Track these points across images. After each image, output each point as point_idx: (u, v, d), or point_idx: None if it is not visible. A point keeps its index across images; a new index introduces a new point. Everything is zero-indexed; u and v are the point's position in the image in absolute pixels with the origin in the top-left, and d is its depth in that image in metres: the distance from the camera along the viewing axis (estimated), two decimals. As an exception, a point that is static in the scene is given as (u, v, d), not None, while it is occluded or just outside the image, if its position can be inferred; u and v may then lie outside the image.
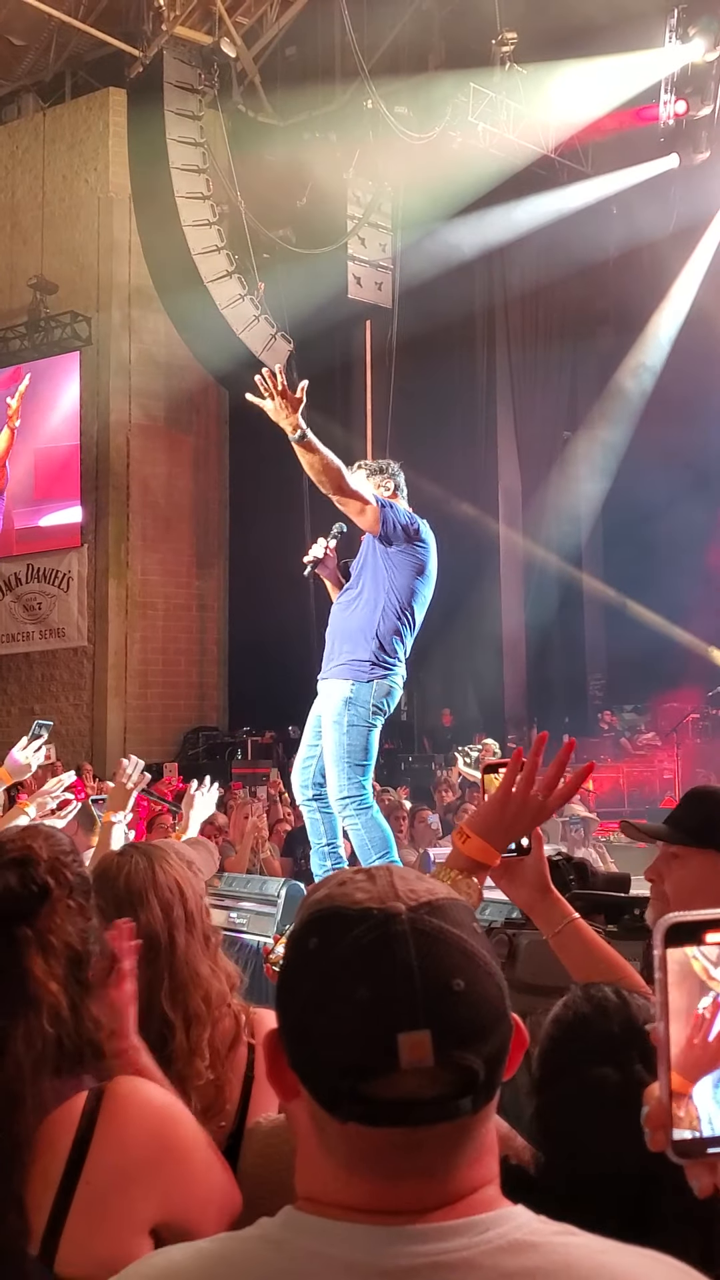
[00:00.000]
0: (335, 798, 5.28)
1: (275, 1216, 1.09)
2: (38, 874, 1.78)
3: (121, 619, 18.78)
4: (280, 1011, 1.09)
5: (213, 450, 19.87)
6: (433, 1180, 1.04)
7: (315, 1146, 1.07)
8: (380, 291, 17.89)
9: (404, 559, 5.34)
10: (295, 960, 1.09)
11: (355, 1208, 1.04)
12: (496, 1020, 1.05)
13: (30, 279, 19.11)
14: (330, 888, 1.11)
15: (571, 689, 20.03)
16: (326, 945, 1.06)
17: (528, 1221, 1.05)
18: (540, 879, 2.02)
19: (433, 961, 1.03)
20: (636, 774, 16.66)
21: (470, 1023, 1.03)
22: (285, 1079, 1.08)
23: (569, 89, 16.30)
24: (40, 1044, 1.70)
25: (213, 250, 17.02)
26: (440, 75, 16.54)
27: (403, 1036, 1.00)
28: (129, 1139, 1.69)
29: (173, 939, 2.06)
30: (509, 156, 16.93)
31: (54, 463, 19.30)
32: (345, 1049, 1.02)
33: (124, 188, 18.40)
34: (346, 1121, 1.02)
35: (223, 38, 16.66)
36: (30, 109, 20.02)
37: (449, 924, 1.06)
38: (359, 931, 1.04)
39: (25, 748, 4.27)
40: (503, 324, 19.19)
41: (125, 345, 18.71)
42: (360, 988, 1.02)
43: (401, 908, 1.05)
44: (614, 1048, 1.49)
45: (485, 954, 1.07)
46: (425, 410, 18.16)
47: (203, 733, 18.96)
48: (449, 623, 15.80)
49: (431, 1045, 1.00)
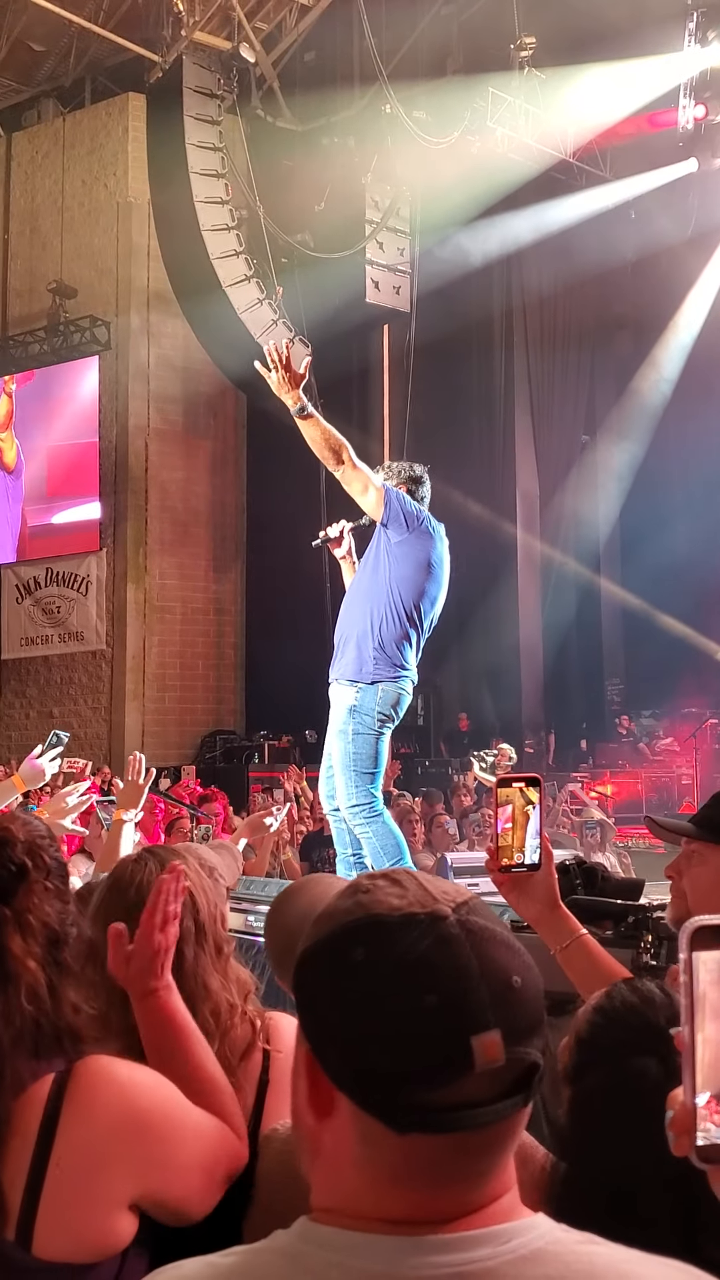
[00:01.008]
0: (345, 806, 5.25)
1: (290, 1228, 1.07)
2: (14, 854, 1.79)
3: (140, 623, 18.83)
4: (314, 1026, 1.06)
5: (230, 454, 19.91)
6: (474, 1186, 1.02)
7: (351, 1162, 1.03)
8: (398, 296, 17.89)
9: (406, 551, 5.22)
10: (337, 974, 1.04)
11: (382, 1219, 1.02)
12: (544, 1013, 1.06)
13: (49, 283, 19.20)
14: (356, 897, 1.07)
15: (589, 694, 19.97)
16: (376, 955, 1.02)
17: (550, 1230, 1.04)
18: (549, 894, 2.03)
19: (489, 960, 1.02)
20: (655, 779, 16.58)
21: (530, 1017, 1.03)
22: (321, 1097, 1.05)
23: (587, 93, 16.26)
24: (18, 1021, 1.70)
25: (231, 255, 17.05)
26: (458, 80, 16.53)
27: (475, 1039, 0.99)
28: (96, 1116, 1.68)
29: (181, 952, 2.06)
30: (527, 161, 16.91)
31: (69, 460, 19.39)
32: (412, 1057, 0.99)
33: (143, 192, 18.46)
34: (405, 1133, 0.99)
35: (242, 43, 16.70)
36: (50, 114, 20.12)
37: (490, 921, 1.06)
38: (411, 938, 1.02)
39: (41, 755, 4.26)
40: (520, 328, 19.14)
41: (144, 350, 18.77)
42: (428, 995, 1.00)
43: (446, 909, 1.04)
44: (658, 1039, 1.49)
45: (521, 946, 1.07)
46: (443, 414, 18.15)
47: (220, 736, 18.98)
48: (466, 627, 15.81)
49: (502, 1044, 1.00)
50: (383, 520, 5.20)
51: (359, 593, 5.36)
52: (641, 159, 17.40)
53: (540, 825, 1.99)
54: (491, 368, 18.98)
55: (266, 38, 17.11)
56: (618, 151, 17.72)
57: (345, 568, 5.63)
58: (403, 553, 5.23)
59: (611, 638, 20.62)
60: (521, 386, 19.19)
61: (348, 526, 5.57)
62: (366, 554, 5.40)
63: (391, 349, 18.89)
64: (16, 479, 19.83)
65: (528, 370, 19.22)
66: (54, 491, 19.55)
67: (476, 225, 17.24)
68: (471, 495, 16.34)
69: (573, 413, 19.82)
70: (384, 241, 17.73)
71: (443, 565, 5.34)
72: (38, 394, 19.68)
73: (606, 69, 15.96)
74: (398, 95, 15.96)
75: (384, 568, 5.24)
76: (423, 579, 5.27)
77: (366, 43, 15.71)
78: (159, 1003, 1.86)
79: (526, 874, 2.00)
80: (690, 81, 16.18)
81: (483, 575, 16.42)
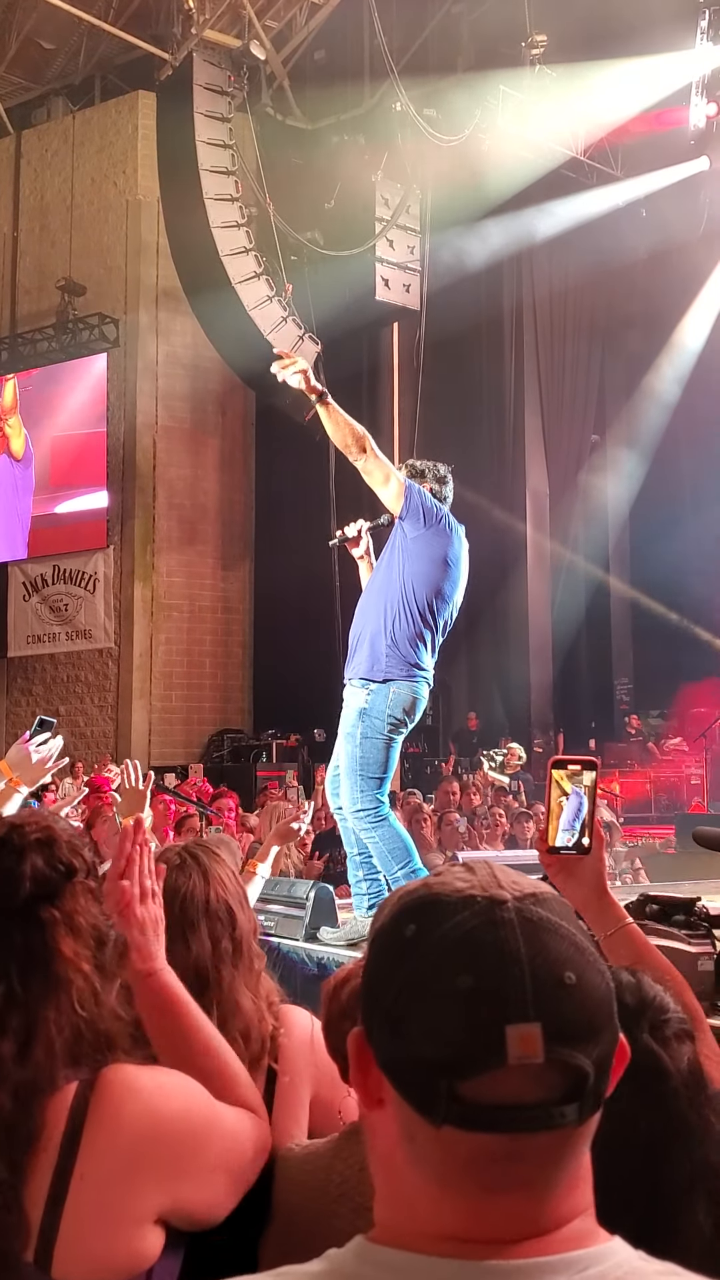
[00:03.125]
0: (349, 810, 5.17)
1: (345, 1247, 1.00)
2: (61, 854, 1.73)
3: (147, 621, 18.81)
4: (368, 1006, 1.01)
5: (239, 452, 19.88)
6: (530, 1198, 0.95)
7: (403, 1161, 0.97)
8: (408, 293, 17.84)
9: (422, 547, 5.14)
10: (389, 949, 1.00)
11: (442, 1235, 0.95)
12: (607, 1020, 0.98)
13: (59, 281, 19.20)
14: (426, 879, 1.05)
15: (598, 693, 19.95)
16: (424, 931, 0.98)
17: (628, 1259, 0.97)
18: (598, 879, 1.99)
19: (542, 951, 0.96)
20: (664, 779, 16.55)
21: (581, 1020, 0.95)
22: (370, 1083, 1.00)
23: (598, 91, 16.21)
24: (68, 1029, 1.63)
25: (241, 252, 17.01)
26: (469, 77, 16.47)
27: (511, 1029, 0.93)
28: (122, 1128, 1.60)
29: (219, 974, 2.02)
30: (538, 159, 16.87)
31: (75, 449, 19.36)
32: (445, 1042, 0.94)
33: (152, 190, 18.44)
34: (442, 1125, 0.94)
35: (252, 41, 16.66)
36: (60, 112, 20.11)
37: (556, 915, 0.99)
38: (462, 917, 0.97)
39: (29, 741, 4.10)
40: (531, 326, 19.11)
41: (152, 347, 18.75)
42: (464, 975, 0.95)
43: (507, 895, 0.99)
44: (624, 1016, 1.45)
45: (595, 951, 1.00)
46: (452, 412, 18.12)
47: (227, 735, 18.95)
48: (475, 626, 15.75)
49: (541, 1040, 0.93)
50: (401, 513, 5.14)
51: (374, 590, 5.29)
52: (653, 157, 17.35)
53: (594, 809, 1.95)
54: (501, 366, 18.94)
55: (276, 35, 17.08)
56: (629, 149, 17.67)
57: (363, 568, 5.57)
58: (418, 549, 5.15)
59: (621, 637, 20.60)
60: (531, 385, 19.15)
61: (365, 526, 5.50)
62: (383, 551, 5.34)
63: (401, 347, 18.85)
64: (26, 468, 19.79)
65: (537, 368, 19.19)
66: (58, 481, 19.53)
67: (487, 223, 17.21)
68: (481, 493, 16.29)
69: (583, 411, 19.79)
70: (394, 239, 17.69)
71: (459, 565, 5.26)
72: (43, 385, 19.66)
73: (618, 67, 15.90)
74: (408, 93, 15.92)
75: (399, 563, 5.17)
76: (438, 576, 5.19)
77: (377, 40, 15.67)
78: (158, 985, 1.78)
79: (576, 858, 1.97)
80: (702, 79, 16.11)
81: (492, 574, 16.36)
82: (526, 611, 18.63)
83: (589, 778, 1.94)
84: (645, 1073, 1.33)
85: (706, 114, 16.30)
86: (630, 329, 20.01)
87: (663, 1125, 1.34)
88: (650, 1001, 1.43)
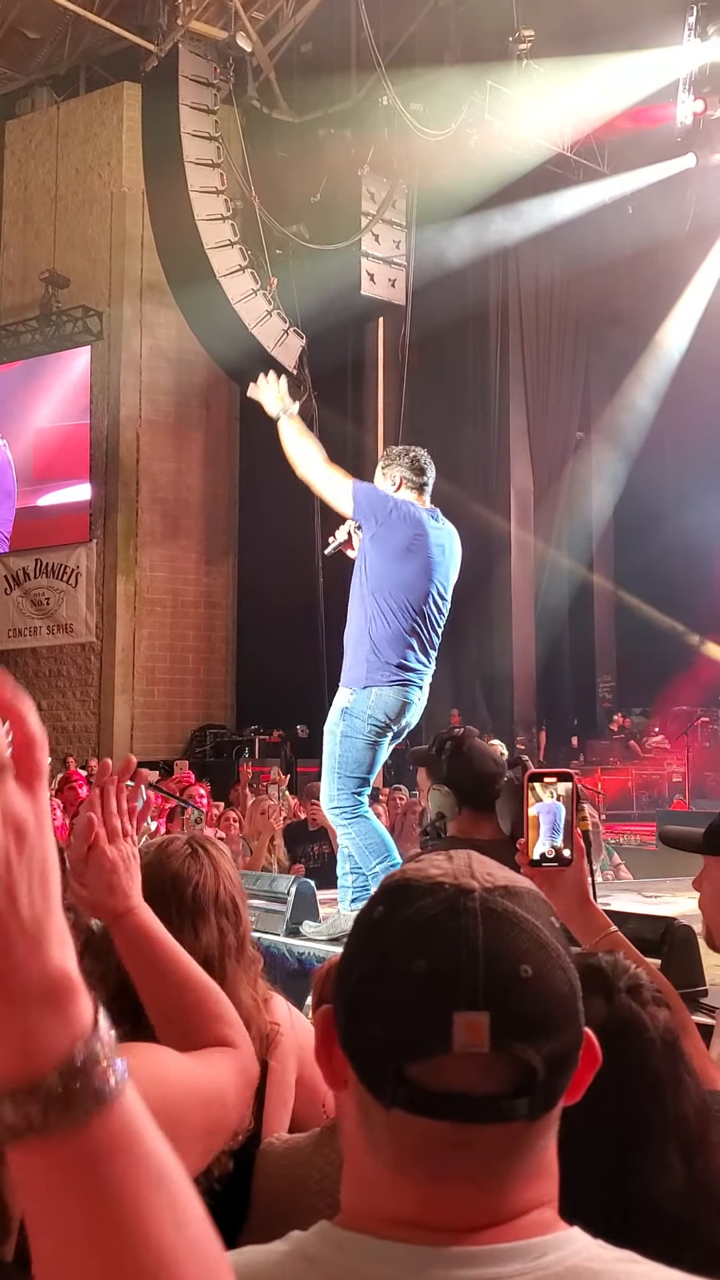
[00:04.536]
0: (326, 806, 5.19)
1: (309, 1230, 1.01)
2: None
3: (130, 615, 18.74)
4: (336, 985, 1.02)
5: (223, 446, 19.81)
6: (482, 1190, 0.95)
7: (361, 1144, 0.99)
8: (393, 288, 17.81)
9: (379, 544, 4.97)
10: (359, 931, 1.02)
11: (399, 1220, 0.95)
12: (565, 1019, 0.97)
13: (42, 273, 19.10)
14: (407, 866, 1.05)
15: (581, 691, 19.97)
16: (390, 915, 0.99)
17: (587, 1247, 0.96)
18: (580, 889, 2.03)
19: (501, 943, 0.95)
20: (646, 776, 16.59)
21: (535, 1014, 0.95)
22: (335, 1062, 1.01)
23: (586, 87, 16.20)
24: None
25: (226, 245, 16.95)
26: (456, 72, 16.45)
27: (459, 1016, 0.92)
28: None
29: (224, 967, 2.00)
30: (525, 154, 16.85)
31: (57, 442, 19.28)
32: (395, 1024, 0.94)
33: (137, 182, 18.36)
34: (391, 1107, 0.94)
35: (238, 33, 16.59)
36: (44, 102, 20.01)
37: (524, 910, 0.98)
38: (426, 903, 0.97)
39: None
40: (516, 323, 19.10)
41: (136, 340, 18.68)
42: (420, 960, 0.95)
43: (475, 885, 0.98)
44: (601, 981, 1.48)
45: (560, 949, 0.99)
46: (437, 408, 18.09)
47: (210, 731, 18.91)
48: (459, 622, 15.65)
49: (489, 1030, 0.92)
50: (354, 515, 5.07)
51: (353, 597, 5.17)
52: (639, 154, 17.36)
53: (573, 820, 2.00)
54: (486, 362, 18.93)
55: (263, 27, 17.01)
56: (615, 146, 17.67)
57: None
58: (377, 546, 4.99)
59: (604, 635, 20.64)
60: (516, 381, 19.15)
61: (352, 526, 5.38)
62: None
63: (386, 342, 18.81)
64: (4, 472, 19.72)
65: (523, 365, 19.19)
66: (41, 474, 19.44)
67: (473, 218, 17.20)
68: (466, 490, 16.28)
69: (567, 408, 19.79)
70: (380, 234, 17.65)
71: (429, 550, 5.01)
72: (26, 378, 19.56)
73: (605, 63, 15.90)
74: (395, 87, 15.87)
75: (363, 566, 5.06)
76: (405, 569, 4.98)
77: (364, 34, 15.62)
78: (135, 923, 1.75)
79: (558, 869, 2.01)
80: (689, 76, 16.15)
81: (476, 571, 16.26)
82: (510, 609, 18.63)
83: (565, 789, 1.99)
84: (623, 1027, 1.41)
85: (693, 111, 16.33)
86: (616, 326, 20.03)
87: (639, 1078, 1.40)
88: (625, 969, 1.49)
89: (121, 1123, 0.74)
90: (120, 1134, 0.74)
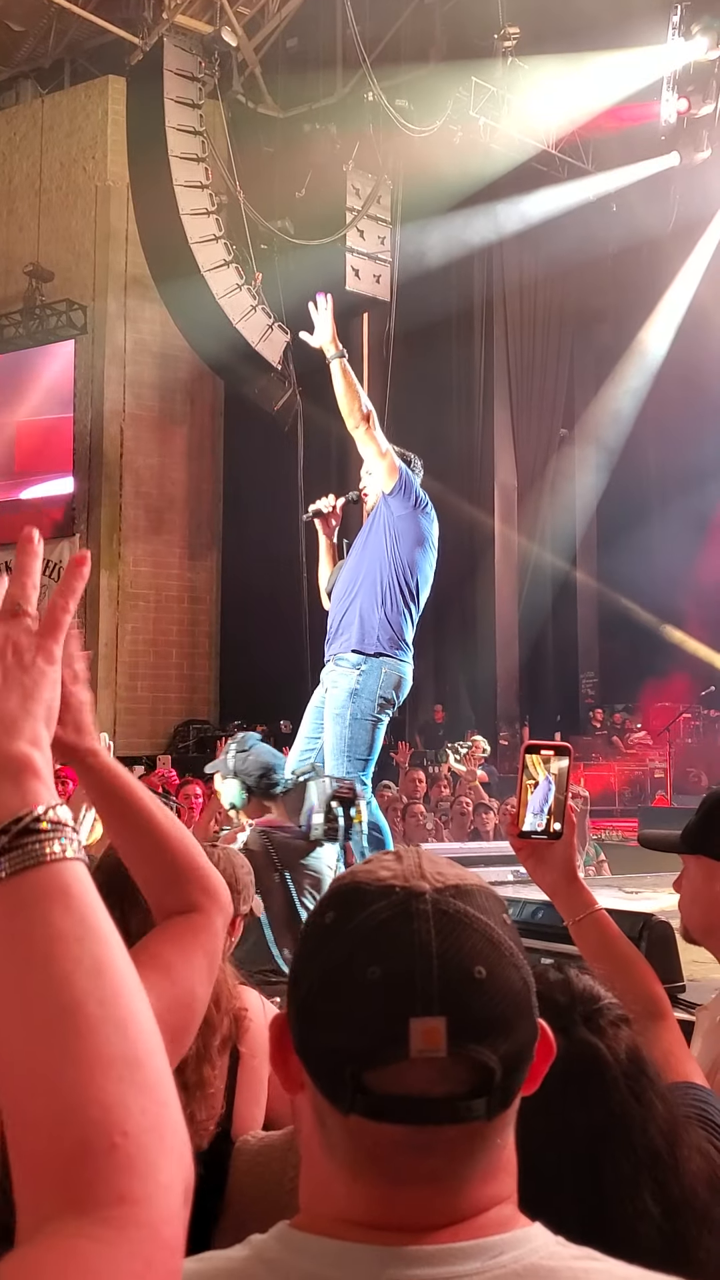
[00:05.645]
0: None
1: (268, 1233, 1.01)
2: None
3: (113, 610, 18.71)
4: (289, 991, 1.02)
5: (207, 441, 19.79)
6: (441, 1190, 0.95)
7: (318, 1147, 0.99)
8: (378, 284, 17.81)
9: (408, 526, 5.29)
10: (310, 936, 1.02)
11: (356, 1222, 0.95)
12: (519, 1017, 0.97)
13: (26, 266, 19.02)
14: (355, 867, 1.05)
15: (564, 687, 20.02)
16: (341, 920, 0.99)
17: (545, 1244, 0.97)
18: (567, 865, 2.01)
19: (454, 945, 0.96)
20: (628, 772, 16.65)
21: (490, 1015, 0.95)
22: (291, 1067, 1.01)
23: (570, 85, 16.22)
24: None
25: (210, 239, 16.92)
26: (442, 69, 16.45)
27: (415, 1021, 0.93)
28: None
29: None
30: (509, 151, 16.86)
31: (40, 435, 19.21)
32: (351, 1032, 0.94)
33: (122, 176, 18.30)
34: (349, 1114, 0.94)
35: (224, 27, 16.56)
36: (29, 95, 19.92)
37: (476, 909, 0.98)
38: (377, 907, 0.97)
39: None
40: (501, 319, 19.13)
41: (120, 334, 18.64)
42: (374, 966, 0.95)
43: (426, 886, 0.98)
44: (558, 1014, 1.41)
45: (513, 946, 0.99)
46: (421, 404, 18.09)
47: (193, 726, 18.89)
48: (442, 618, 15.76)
49: (445, 1034, 0.93)
50: (393, 490, 5.23)
51: (360, 567, 5.36)
52: (623, 152, 17.39)
53: (564, 795, 1.97)
54: (471, 358, 18.95)
55: (249, 22, 16.99)
56: (600, 144, 17.69)
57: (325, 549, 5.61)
58: (405, 527, 5.29)
59: (586, 631, 20.68)
60: (501, 378, 19.18)
61: (339, 502, 5.57)
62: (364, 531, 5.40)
63: (371, 338, 18.79)
64: None
65: (507, 361, 19.21)
66: (23, 467, 19.37)
67: (458, 215, 17.21)
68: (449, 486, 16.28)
69: (551, 405, 19.83)
70: (364, 229, 17.65)
71: (434, 549, 5.42)
72: (10, 371, 19.48)
73: (590, 60, 15.91)
74: (380, 83, 15.86)
75: (388, 540, 5.27)
76: (422, 557, 5.34)
77: (349, 30, 15.61)
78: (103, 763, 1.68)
79: (547, 843, 1.98)
80: (673, 75, 16.15)
81: (460, 567, 16.37)
82: (493, 605, 18.67)
83: (561, 764, 1.96)
84: (583, 1065, 1.35)
85: (678, 109, 16.33)
86: (600, 323, 20.07)
87: (604, 1118, 1.35)
88: (580, 995, 1.43)
89: (56, 884, 0.88)
90: (50, 892, 0.87)
